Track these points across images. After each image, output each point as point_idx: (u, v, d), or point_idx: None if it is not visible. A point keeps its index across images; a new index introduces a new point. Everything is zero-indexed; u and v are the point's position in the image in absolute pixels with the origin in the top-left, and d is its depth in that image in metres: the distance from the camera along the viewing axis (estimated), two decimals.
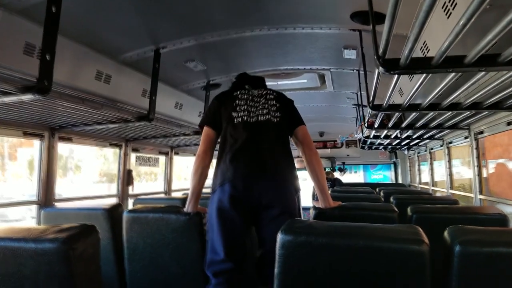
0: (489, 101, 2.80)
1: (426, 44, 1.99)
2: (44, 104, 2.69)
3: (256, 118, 2.21)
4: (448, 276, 1.22)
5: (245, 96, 2.30)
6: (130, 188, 4.71)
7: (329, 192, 3.06)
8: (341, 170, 9.63)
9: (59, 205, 3.38)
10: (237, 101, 2.28)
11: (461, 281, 1.19)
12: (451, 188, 5.39)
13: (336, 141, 8.97)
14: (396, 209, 2.18)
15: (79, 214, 2.49)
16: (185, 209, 2.19)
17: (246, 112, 2.23)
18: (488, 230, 1.29)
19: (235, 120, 2.21)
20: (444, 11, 1.54)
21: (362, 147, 7.75)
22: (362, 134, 5.34)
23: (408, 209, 2.29)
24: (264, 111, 2.24)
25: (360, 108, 4.79)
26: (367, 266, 1.24)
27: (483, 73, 2.05)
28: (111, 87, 2.96)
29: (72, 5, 2.09)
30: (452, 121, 3.91)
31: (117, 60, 2.99)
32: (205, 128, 2.32)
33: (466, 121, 3.95)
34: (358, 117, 5.37)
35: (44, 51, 1.87)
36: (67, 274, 1.23)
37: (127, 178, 4.67)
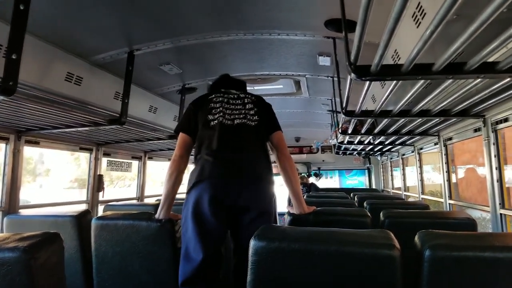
0: (457, 108, 2.89)
1: (397, 52, 2.03)
2: (9, 105, 2.59)
3: (231, 122, 2.18)
4: (418, 280, 1.23)
5: (220, 99, 2.28)
6: (100, 194, 4.59)
7: (305, 197, 3.07)
8: (317, 175, 9.70)
9: (24, 212, 3.24)
10: (212, 104, 2.25)
11: (431, 285, 1.21)
12: (422, 193, 5.52)
13: (311, 146, 9.05)
14: (369, 214, 2.20)
15: (45, 222, 2.39)
16: (156, 216, 2.12)
17: (221, 114, 2.20)
18: (457, 234, 1.31)
19: (211, 122, 2.18)
20: (414, 20, 1.58)
21: (337, 153, 7.85)
22: (337, 140, 5.40)
23: (381, 214, 2.32)
24: (241, 115, 2.21)
25: (335, 114, 4.86)
26: (339, 271, 1.24)
27: (450, 80, 2.11)
28: (82, 89, 2.88)
29: (42, 3, 2.04)
30: (422, 127, 4.01)
31: (89, 61, 2.92)
32: (181, 134, 2.27)
33: (436, 128, 4.06)
34: (333, 123, 5.43)
35: (10, 50, 1.79)
36: (29, 284, 1.17)
37: (97, 183, 4.56)
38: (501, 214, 2.98)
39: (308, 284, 1.27)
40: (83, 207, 4.33)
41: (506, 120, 2.87)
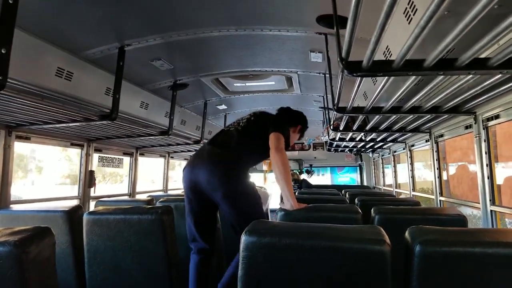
0: (448, 105, 2.91)
1: (388, 49, 2.04)
2: None
3: (227, 128, 2.73)
4: (408, 275, 1.24)
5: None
6: (92, 190, 4.56)
7: (296, 193, 3.10)
8: (309, 172, 9.73)
9: (15, 207, 3.21)
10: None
11: (421, 280, 1.22)
12: (413, 190, 5.56)
13: (303, 143, 9.08)
14: (360, 211, 2.21)
15: (37, 217, 2.38)
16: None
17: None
18: (447, 230, 1.32)
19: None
20: (405, 16, 1.59)
21: (329, 150, 7.88)
22: (328, 137, 5.42)
23: (372, 210, 2.34)
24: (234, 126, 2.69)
25: (327, 111, 4.87)
26: (330, 266, 1.25)
27: (441, 77, 2.12)
28: (73, 84, 2.85)
29: None
30: (413, 124, 4.04)
31: (80, 56, 2.88)
32: None
33: (427, 125, 4.09)
34: (325, 120, 5.45)
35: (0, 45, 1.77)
36: (20, 279, 1.17)
37: (89, 179, 4.53)
38: (491, 210, 3.01)
39: (298, 279, 1.27)
40: (74, 202, 4.30)
41: (497, 117, 2.89)
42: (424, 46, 1.62)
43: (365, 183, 9.32)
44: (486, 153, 3.04)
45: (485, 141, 3.05)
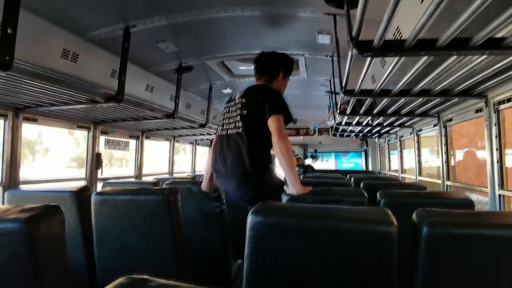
0: (458, 88, 2.87)
1: (399, 30, 2.00)
2: (7, 81, 2.56)
3: (226, 132, 2.58)
4: (415, 256, 1.23)
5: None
6: (99, 172, 4.60)
7: (301, 178, 3.09)
8: (313, 157, 9.73)
9: (24, 187, 3.25)
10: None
11: (428, 261, 1.21)
12: (420, 174, 5.54)
13: (308, 128, 9.05)
14: (365, 194, 2.21)
15: (45, 197, 2.40)
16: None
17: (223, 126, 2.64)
18: (455, 212, 1.31)
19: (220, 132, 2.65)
20: None
21: (334, 135, 7.85)
22: (335, 121, 5.39)
23: (377, 193, 2.33)
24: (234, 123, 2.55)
25: (333, 95, 4.83)
26: (336, 247, 1.24)
27: (453, 58, 2.08)
28: (79, 66, 2.84)
29: None
30: (422, 108, 3.99)
31: (85, 38, 2.86)
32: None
33: (436, 109, 4.04)
34: (331, 104, 5.41)
35: (5, 24, 1.76)
36: (32, 255, 1.17)
37: (96, 161, 4.56)
38: (499, 195, 3.00)
39: (304, 259, 1.27)
40: (82, 183, 4.34)
41: (509, 100, 2.85)
42: (437, 26, 1.58)
43: (370, 169, 9.30)
44: (496, 137, 3.00)
45: (495, 125, 3.01)
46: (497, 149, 3.01)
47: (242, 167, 2.41)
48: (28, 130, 3.72)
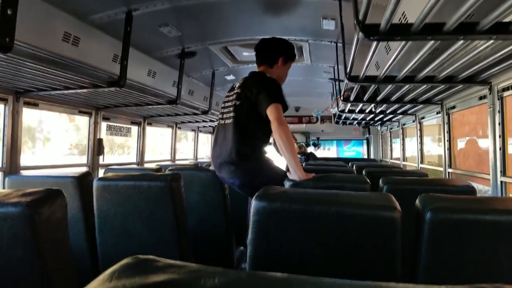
0: (462, 75, 2.85)
1: (405, 15, 1.97)
2: (7, 63, 2.54)
3: (224, 121, 2.62)
4: (418, 242, 1.23)
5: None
6: (100, 158, 4.60)
7: (303, 165, 3.09)
8: (315, 145, 9.73)
9: (25, 173, 3.25)
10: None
11: (431, 247, 1.21)
12: (422, 162, 5.54)
13: (311, 116, 9.02)
14: (368, 180, 2.20)
15: (47, 182, 2.39)
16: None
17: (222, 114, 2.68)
18: (458, 198, 1.30)
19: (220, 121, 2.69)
20: None
21: (337, 122, 7.83)
22: (338, 108, 5.37)
23: (380, 180, 2.32)
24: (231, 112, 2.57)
25: (337, 82, 4.79)
26: (340, 232, 1.24)
27: (458, 44, 2.06)
28: (80, 50, 2.81)
29: None
30: (425, 95, 3.98)
31: (87, 21, 2.83)
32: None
33: (439, 96, 4.02)
34: (334, 91, 5.38)
35: (5, 5, 1.73)
36: (34, 239, 1.18)
37: (97, 147, 4.55)
38: (501, 181, 3.00)
39: (308, 244, 1.27)
40: (84, 169, 4.35)
41: None
42: (444, 11, 1.55)
43: (372, 157, 9.31)
44: (499, 124, 2.99)
45: (499, 112, 3.00)
46: (500, 136, 2.99)
47: (231, 157, 2.48)
48: (29, 116, 3.69)
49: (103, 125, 4.76)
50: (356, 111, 5.35)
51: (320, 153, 9.89)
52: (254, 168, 2.52)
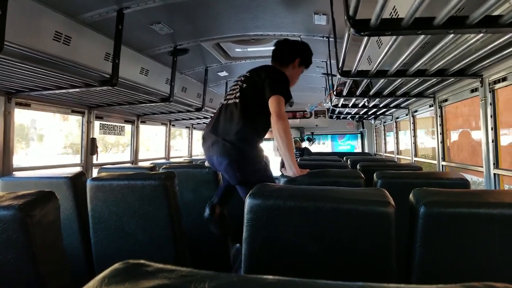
0: (453, 68, 2.86)
1: (395, 9, 1.98)
2: None
3: (226, 102, 2.54)
4: (413, 236, 1.24)
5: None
6: (94, 157, 4.57)
7: (298, 161, 3.09)
8: (310, 140, 9.74)
9: (18, 174, 3.23)
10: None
11: (425, 241, 1.22)
12: (415, 155, 5.57)
13: (305, 111, 9.03)
14: (362, 175, 2.21)
15: (40, 183, 2.39)
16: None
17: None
18: (451, 192, 1.31)
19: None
20: None
21: (331, 117, 7.84)
22: (331, 103, 5.37)
23: (374, 175, 2.33)
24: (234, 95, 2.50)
25: (329, 77, 4.80)
26: (334, 228, 1.25)
27: (449, 38, 2.07)
28: (71, 49, 2.79)
29: None
30: (418, 89, 3.99)
31: (78, 20, 2.81)
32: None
33: (431, 89, 4.04)
34: (327, 86, 5.38)
35: None
36: (26, 242, 1.17)
37: (90, 146, 4.53)
38: (494, 174, 3.02)
39: (303, 241, 1.27)
40: (77, 169, 4.32)
41: (504, 79, 2.84)
42: (434, 5, 1.56)
43: (366, 150, 9.34)
44: (491, 116, 3.01)
45: (491, 104, 3.02)
46: (492, 129, 3.01)
47: (229, 135, 2.37)
48: (21, 117, 3.66)
49: (96, 124, 4.73)
50: (350, 105, 5.36)
51: (315, 147, 9.91)
52: (247, 155, 2.40)
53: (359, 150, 9.90)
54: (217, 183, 2.83)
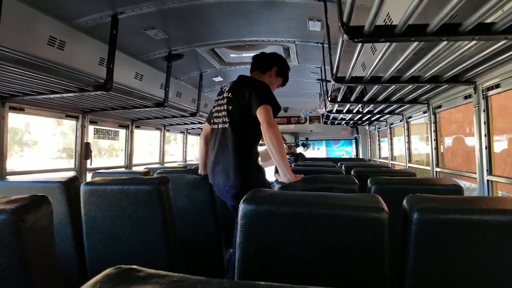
0: (447, 75, 2.88)
1: (389, 16, 1.99)
2: None
3: (217, 126, 2.61)
4: (406, 242, 1.24)
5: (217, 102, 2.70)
6: (88, 162, 4.55)
7: (292, 166, 3.10)
8: (304, 145, 9.76)
9: (11, 178, 3.20)
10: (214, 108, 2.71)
11: (419, 247, 1.22)
12: (409, 161, 5.59)
13: (300, 116, 9.05)
14: (356, 181, 2.22)
15: (33, 188, 2.36)
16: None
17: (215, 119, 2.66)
18: (445, 198, 1.32)
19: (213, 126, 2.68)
20: None
21: (325, 123, 7.86)
22: (325, 109, 5.39)
23: (368, 181, 2.34)
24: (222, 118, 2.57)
25: (324, 83, 4.82)
26: (328, 234, 1.25)
27: (443, 44, 2.09)
28: (66, 54, 2.79)
29: None
30: (412, 95, 4.02)
31: (72, 25, 2.81)
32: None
33: (425, 96, 4.07)
34: (322, 92, 5.40)
35: None
36: (19, 246, 1.16)
37: (84, 151, 4.50)
38: (488, 180, 3.03)
39: (296, 246, 1.27)
40: (71, 174, 4.29)
41: (497, 86, 2.86)
42: (427, 12, 1.58)
43: (360, 156, 9.37)
44: (485, 123, 3.02)
45: (484, 111, 3.03)
46: (485, 135, 3.03)
47: (228, 162, 2.45)
48: (15, 122, 3.63)
49: (90, 128, 4.71)
50: (344, 111, 5.38)
51: (310, 153, 9.92)
52: (252, 173, 2.49)
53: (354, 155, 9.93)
54: (211, 188, 2.81)
